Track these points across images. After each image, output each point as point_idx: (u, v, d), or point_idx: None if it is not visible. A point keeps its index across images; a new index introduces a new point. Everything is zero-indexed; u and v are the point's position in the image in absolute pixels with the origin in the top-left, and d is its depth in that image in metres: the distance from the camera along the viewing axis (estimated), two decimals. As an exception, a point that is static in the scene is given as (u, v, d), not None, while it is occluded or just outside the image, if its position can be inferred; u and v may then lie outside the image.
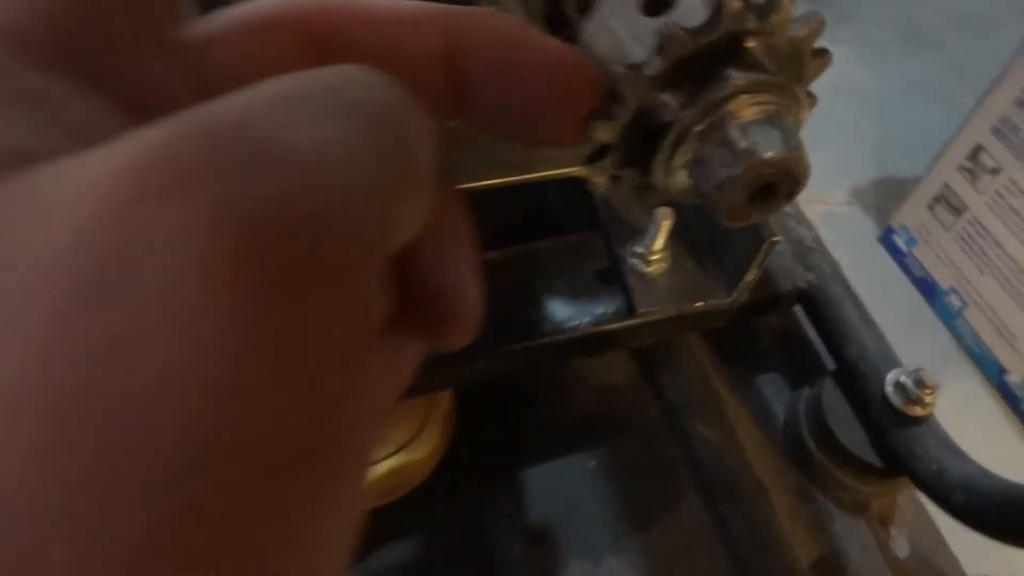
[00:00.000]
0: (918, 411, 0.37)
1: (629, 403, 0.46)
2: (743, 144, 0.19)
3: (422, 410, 0.42)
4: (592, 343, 0.41)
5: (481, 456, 0.44)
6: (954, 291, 1.27)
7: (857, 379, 0.40)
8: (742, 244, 0.39)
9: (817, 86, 0.21)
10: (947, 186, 1.26)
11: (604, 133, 0.20)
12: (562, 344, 0.40)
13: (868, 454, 0.39)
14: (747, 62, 0.19)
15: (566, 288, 0.41)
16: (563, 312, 0.41)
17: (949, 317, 1.29)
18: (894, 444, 0.38)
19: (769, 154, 0.18)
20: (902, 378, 0.38)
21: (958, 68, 1.69)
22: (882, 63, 1.69)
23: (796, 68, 0.20)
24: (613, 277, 0.42)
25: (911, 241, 1.35)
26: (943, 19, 1.80)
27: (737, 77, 0.19)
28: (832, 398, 0.41)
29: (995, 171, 1.17)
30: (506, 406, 0.45)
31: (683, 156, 0.20)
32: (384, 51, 0.18)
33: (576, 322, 0.40)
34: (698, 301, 0.41)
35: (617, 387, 0.47)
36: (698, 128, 0.19)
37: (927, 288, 1.33)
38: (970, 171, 1.21)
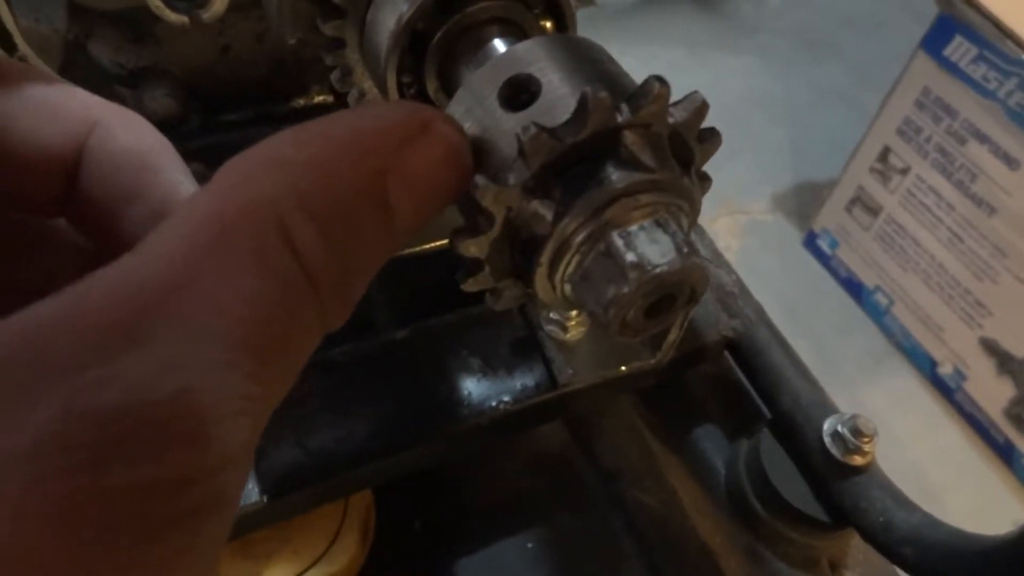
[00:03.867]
0: (858, 460, 0.36)
1: (562, 473, 0.43)
2: (629, 257, 0.16)
3: (335, 516, 0.38)
4: (515, 421, 0.38)
5: (409, 554, 0.41)
6: (880, 289, 1.30)
7: (794, 429, 0.38)
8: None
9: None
10: (861, 188, 1.29)
11: (471, 248, 0.17)
12: (483, 427, 0.37)
13: (813, 508, 0.38)
14: (624, 159, 0.16)
15: (482, 364, 0.38)
16: (480, 391, 0.37)
17: (878, 315, 1.32)
18: (838, 497, 0.36)
19: (660, 267, 0.16)
20: (839, 427, 0.36)
21: (855, 69, 1.75)
22: (786, 70, 1.74)
23: (683, 157, 0.18)
24: (531, 347, 0.39)
25: (833, 243, 1.38)
26: (834, 23, 1.87)
27: (615, 179, 0.16)
28: (771, 451, 0.39)
29: (904, 171, 1.20)
30: (430, 493, 0.42)
31: (566, 269, 0.17)
32: None
33: (495, 401, 0.37)
34: (622, 365, 0.38)
35: (548, 456, 0.44)
36: (577, 239, 0.17)
37: (853, 288, 1.36)
38: (881, 172, 1.24)
